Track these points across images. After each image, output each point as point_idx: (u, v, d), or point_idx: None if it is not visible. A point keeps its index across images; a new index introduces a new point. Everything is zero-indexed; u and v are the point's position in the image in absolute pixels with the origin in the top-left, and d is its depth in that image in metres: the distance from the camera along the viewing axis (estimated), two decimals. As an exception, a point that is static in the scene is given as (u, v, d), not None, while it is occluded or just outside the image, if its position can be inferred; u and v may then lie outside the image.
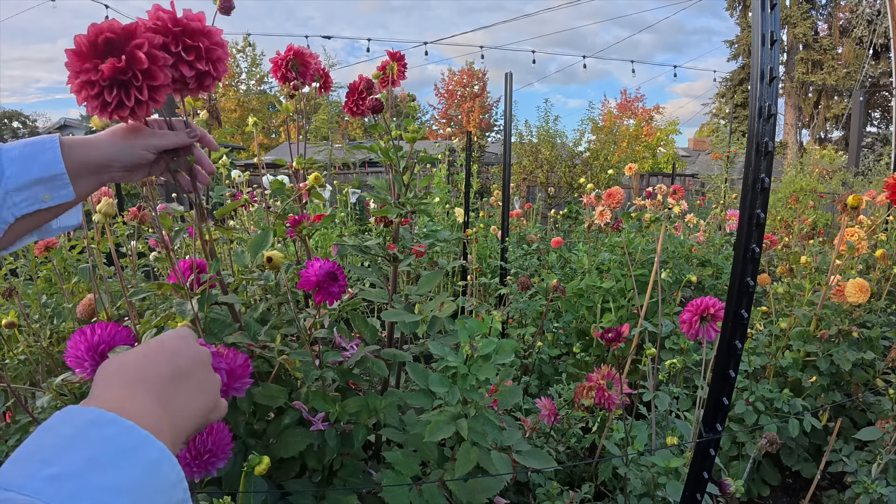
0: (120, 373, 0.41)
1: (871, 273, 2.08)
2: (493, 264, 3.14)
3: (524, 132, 9.65)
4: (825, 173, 6.39)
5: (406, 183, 1.19)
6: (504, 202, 2.76)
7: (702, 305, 1.13)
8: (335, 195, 4.07)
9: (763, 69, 0.80)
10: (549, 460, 1.00)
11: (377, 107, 1.13)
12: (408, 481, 0.90)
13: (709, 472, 0.94)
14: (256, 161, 1.25)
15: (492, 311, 1.10)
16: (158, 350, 0.44)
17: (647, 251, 2.31)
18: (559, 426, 1.41)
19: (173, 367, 0.43)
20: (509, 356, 0.90)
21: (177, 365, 0.44)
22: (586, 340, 2.20)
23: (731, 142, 5.77)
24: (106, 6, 5.60)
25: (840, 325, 1.70)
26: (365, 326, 1.12)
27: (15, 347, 1.28)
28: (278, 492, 0.90)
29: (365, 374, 1.07)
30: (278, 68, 1.07)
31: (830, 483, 1.73)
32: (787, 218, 4.25)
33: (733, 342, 0.88)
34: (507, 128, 2.81)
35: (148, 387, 0.40)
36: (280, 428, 0.93)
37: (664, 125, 13.10)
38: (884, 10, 14.98)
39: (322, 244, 3.01)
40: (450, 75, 26.77)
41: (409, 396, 1.02)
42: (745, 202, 0.84)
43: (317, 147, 8.02)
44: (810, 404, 1.65)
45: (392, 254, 1.19)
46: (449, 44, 21.84)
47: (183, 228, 1.00)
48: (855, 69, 19.22)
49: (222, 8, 0.93)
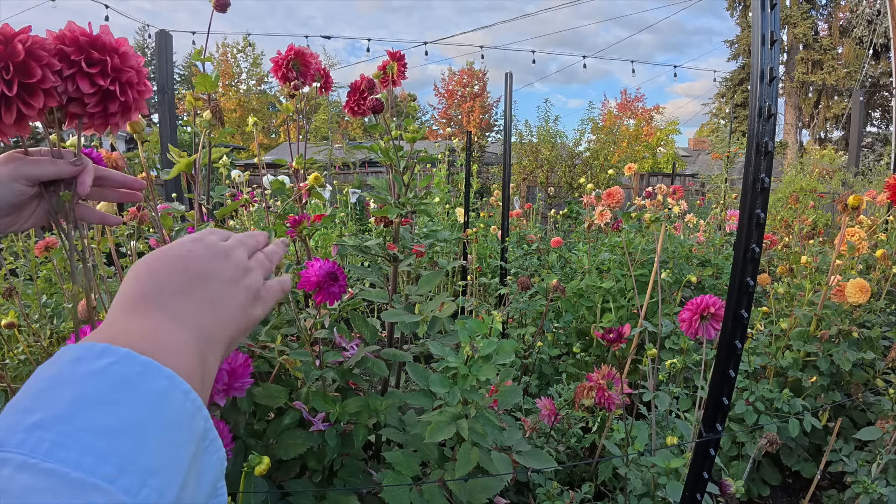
0: (120, 296, 0.34)
1: (872, 273, 2.08)
2: (493, 264, 3.14)
3: (524, 132, 9.66)
4: (825, 173, 6.39)
5: (406, 183, 1.19)
6: (504, 202, 2.76)
7: (702, 304, 1.13)
8: (335, 195, 4.07)
9: (763, 69, 0.80)
10: (549, 460, 1.00)
11: (377, 107, 1.13)
12: (408, 481, 0.90)
13: (709, 472, 0.94)
14: (256, 161, 1.25)
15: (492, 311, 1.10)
16: (164, 258, 0.37)
17: (647, 251, 2.31)
18: (559, 426, 1.41)
19: (184, 272, 0.36)
20: (509, 356, 0.90)
21: (188, 267, 0.36)
22: (586, 340, 2.20)
23: (731, 142, 5.76)
24: (106, 6, 5.60)
25: (840, 325, 1.70)
26: (365, 326, 1.12)
27: (15, 347, 1.28)
28: (278, 492, 0.90)
29: (365, 374, 1.07)
30: (279, 68, 1.07)
31: (830, 483, 1.73)
32: (787, 218, 4.25)
33: (733, 342, 0.88)
34: (507, 128, 2.81)
35: (151, 302, 0.34)
36: (280, 428, 0.93)
37: (664, 125, 13.10)
38: (884, 10, 14.99)
39: (322, 244, 3.01)
40: (450, 75, 26.78)
41: (409, 397, 1.02)
42: (745, 202, 0.84)
43: (317, 147, 8.01)
44: (810, 404, 1.65)
45: (392, 254, 1.19)
46: (449, 44, 21.87)
47: (183, 228, 1.00)
48: (855, 69, 19.22)
49: (218, 5, 0.93)
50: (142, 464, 0.24)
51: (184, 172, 0.98)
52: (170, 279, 0.35)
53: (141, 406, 0.26)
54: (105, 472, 0.23)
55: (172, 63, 3.35)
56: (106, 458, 0.23)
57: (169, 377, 0.28)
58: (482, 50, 7.35)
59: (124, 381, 0.26)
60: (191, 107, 0.95)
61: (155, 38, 3.18)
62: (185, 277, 0.36)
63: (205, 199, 1.00)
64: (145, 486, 0.24)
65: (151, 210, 0.95)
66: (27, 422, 0.24)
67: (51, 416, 0.24)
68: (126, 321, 0.33)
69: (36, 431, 0.23)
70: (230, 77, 25.93)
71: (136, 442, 0.25)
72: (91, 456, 0.23)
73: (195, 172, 0.96)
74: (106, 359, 0.27)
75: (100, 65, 0.51)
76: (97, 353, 0.27)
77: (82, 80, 0.51)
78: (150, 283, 0.35)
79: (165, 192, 3.12)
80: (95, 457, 0.23)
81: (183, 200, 2.58)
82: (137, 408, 0.26)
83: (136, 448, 0.24)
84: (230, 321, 0.37)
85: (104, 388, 0.26)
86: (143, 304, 0.33)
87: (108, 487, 0.23)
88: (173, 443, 0.26)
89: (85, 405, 0.25)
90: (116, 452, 0.24)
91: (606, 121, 12.01)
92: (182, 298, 0.35)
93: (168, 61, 3.16)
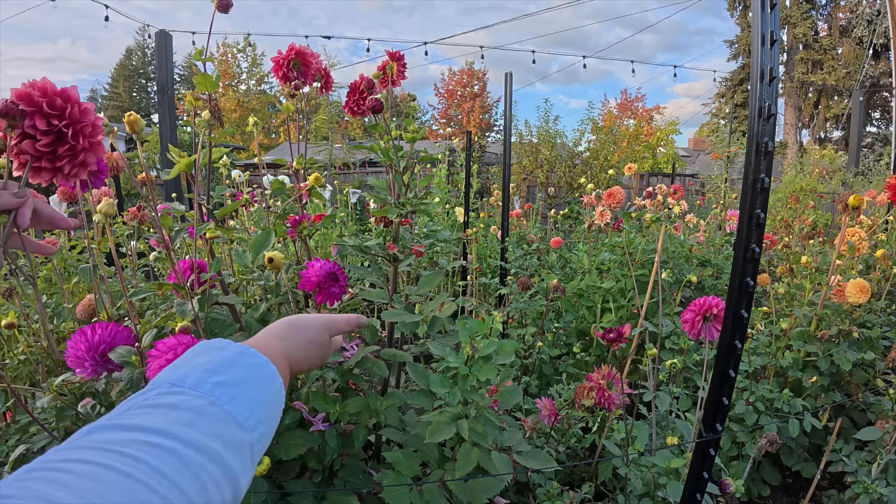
0: (270, 331, 0.60)
1: (872, 273, 2.08)
2: (493, 264, 3.14)
3: (524, 132, 9.65)
4: (825, 173, 6.39)
5: (406, 183, 1.19)
6: (504, 202, 2.76)
7: (705, 305, 1.13)
8: (335, 195, 4.07)
9: (763, 69, 0.80)
10: (549, 460, 1.00)
11: (377, 107, 1.13)
12: (408, 481, 0.90)
13: (709, 471, 0.94)
14: (256, 161, 1.25)
15: (492, 311, 1.10)
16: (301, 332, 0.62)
17: (648, 251, 2.31)
18: (559, 426, 1.41)
19: (305, 339, 0.61)
20: (510, 357, 0.90)
21: (308, 338, 0.62)
22: (586, 340, 2.20)
23: (731, 142, 5.77)
24: (106, 6, 5.60)
25: (840, 326, 1.70)
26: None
27: (15, 347, 1.28)
28: (278, 492, 0.90)
29: (365, 374, 1.07)
30: (280, 67, 1.07)
31: (830, 483, 1.73)
32: (787, 218, 4.25)
33: (733, 342, 0.88)
34: (507, 128, 2.81)
35: (283, 343, 0.58)
36: (280, 428, 0.93)
37: (664, 125, 13.10)
38: (884, 10, 14.98)
39: (322, 244, 3.01)
40: (450, 75, 26.78)
41: (409, 397, 1.02)
42: (745, 202, 0.84)
43: (317, 147, 8.01)
44: (810, 404, 1.65)
45: (392, 254, 1.19)
46: (449, 44, 21.83)
47: (183, 228, 1.00)
48: (855, 69, 19.21)
49: (220, 6, 0.93)
50: (264, 426, 0.43)
51: (184, 172, 0.98)
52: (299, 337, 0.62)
53: (273, 394, 0.46)
54: (250, 424, 0.41)
55: (172, 63, 3.35)
56: (253, 415, 0.42)
57: (281, 384, 0.48)
58: (482, 50, 7.35)
59: (266, 377, 0.47)
60: (191, 107, 0.95)
61: (155, 38, 3.18)
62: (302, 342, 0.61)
63: (205, 199, 1.00)
64: (262, 436, 0.42)
65: (151, 210, 0.94)
66: (213, 380, 0.41)
67: (229, 381, 0.42)
68: (265, 342, 0.57)
69: (220, 387, 0.41)
70: (230, 77, 25.93)
71: (266, 413, 0.44)
72: (247, 411, 0.41)
73: (195, 172, 0.96)
74: (257, 359, 0.47)
75: (59, 111, 0.58)
76: (252, 353, 0.47)
77: (40, 118, 0.57)
78: (287, 333, 0.61)
79: (165, 192, 3.12)
80: (248, 412, 0.41)
81: (183, 200, 2.58)
82: (271, 395, 0.46)
83: (265, 415, 0.43)
84: (306, 360, 0.62)
85: (258, 377, 0.45)
86: (277, 342, 0.58)
87: (250, 431, 0.41)
88: (275, 418, 0.46)
89: (248, 382, 0.44)
90: (257, 415, 0.42)
91: (606, 121, 12.01)
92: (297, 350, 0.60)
93: (168, 61, 3.16)
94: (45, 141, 0.58)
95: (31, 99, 0.57)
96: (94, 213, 1.06)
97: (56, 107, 0.58)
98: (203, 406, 0.38)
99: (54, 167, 0.60)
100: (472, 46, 13.70)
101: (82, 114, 0.60)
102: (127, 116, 0.86)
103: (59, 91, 0.59)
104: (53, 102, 0.58)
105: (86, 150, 0.61)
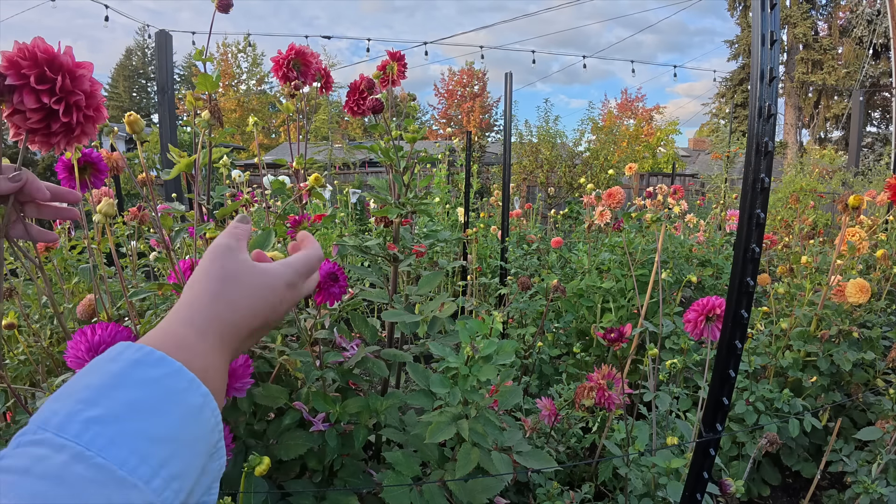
0: (195, 291, 0.42)
1: (872, 273, 2.08)
2: (493, 264, 3.14)
3: (524, 132, 9.65)
4: (825, 173, 6.39)
5: (406, 183, 1.19)
6: (504, 202, 2.76)
7: (708, 305, 1.13)
8: (335, 195, 4.07)
9: (763, 69, 0.80)
10: (549, 460, 1.00)
11: (377, 107, 1.13)
12: (408, 482, 0.90)
13: (709, 471, 0.94)
14: (257, 161, 1.25)
15: (492, 311, 1.10)
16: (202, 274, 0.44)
17: (648, 251, 2.31)
18: (559, 426, 1.41)
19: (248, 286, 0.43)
20: (510, 357, 0.90)
21: (253, 283, 0.44)
22: (586, 340, 2.20)
23: (731, 142, 5.77)
24: (106, 6, 5.60)
25: (840, 326, 1.70)
26: (365, 327, 1.11)
27: (15, 348, 1.28)
28: (278, 492, 0.90)
29: (365, 374, 1.07)
30: (280, 67, 1.07)
31: (830, 483, 1.73)
32: (787, 218, 4.25)
33: (733, 342, 0.88)
34: (507, 128, 2.81)
35: (213, 308, 0.40)
36: (280, 429, 0.93)
37: (664, 125, 13.10)
38: (884, 10, 14.98)
39: (322, 244, 3.01)
40: (450, 75, 26.78)
41: (409, 397, 1.02)
42: (745, 202, 0.84)
43: (317, 147, 8.01)
44: (810, 404, 1.65)
45: (392, 254, 1.19)
46: (450, 44, 21.86)
47: (183, 228, 1.00)
48: (855, 69, 19.21)
49: (221, 6, 0.93)
50: (170, 469, 0.28)
51: (184, 172, 0.98)
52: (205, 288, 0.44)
53: (181, 418, 0.30)
54: (143, 474, 0.27)
55: (172, 63, 3.35)
56: (146, 461, 0.27)
57: (204, 395, 0.32)
58: (482, 50, 7.35)
59: (173, 394, 0.31)
60: (191, 107, 0.95)
61: (155, 38, 3.17)
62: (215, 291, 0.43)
63: (205, 200, 1.00)
64: (168, 488, 0.27)
65: (151, 210, 0.94)
66: (86, 415, 0.27)
67: (109, 415, 0.28)
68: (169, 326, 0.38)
69: (94, 426, 0.27)
70: (230, 77, 25.94)
71: (171, 450, 0.29)
72: (136, 457, 0.27)
73: (195, 172, 0.96)
74: (161, 369, 0.31)
75: (50, 83, 0.52)
76: (154, 361, 0.31)
77: (28, 95, 0.52)
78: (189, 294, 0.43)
79: (165, 192, 3.12)
80: (139, 458, 0.27)
81: (183, 200, 2.57)
82: (178, 420, 0.30)
83: (169, 454, 0.28)
84: (244, 324, 0.42)
85: (156, 399, 0.30)
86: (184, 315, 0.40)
87: (144, 487, 0.26)
88: (196, 452, 0.30)
89: (139, 411, 0.29)
90: (155, 456, 0.28)
91: (606, 121, 12.01)
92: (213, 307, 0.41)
93: (168, 61, 3.16)
94: (35, 118, 0.53)
95: (19, 70, 0.51)
96: (94, 213, 1.06)
97: (46, 79, 0.52)
98: (63, 464, 0.25)
99: (49, 143, 0.56)
100: (473, 46, 13.70)
101: (75, 82, 0.53)
102: (127, 116, 0.86)
103: (51, 56, 0.52)
104: (43, 74, 0.52)
105: (82, 124, 0.56)
